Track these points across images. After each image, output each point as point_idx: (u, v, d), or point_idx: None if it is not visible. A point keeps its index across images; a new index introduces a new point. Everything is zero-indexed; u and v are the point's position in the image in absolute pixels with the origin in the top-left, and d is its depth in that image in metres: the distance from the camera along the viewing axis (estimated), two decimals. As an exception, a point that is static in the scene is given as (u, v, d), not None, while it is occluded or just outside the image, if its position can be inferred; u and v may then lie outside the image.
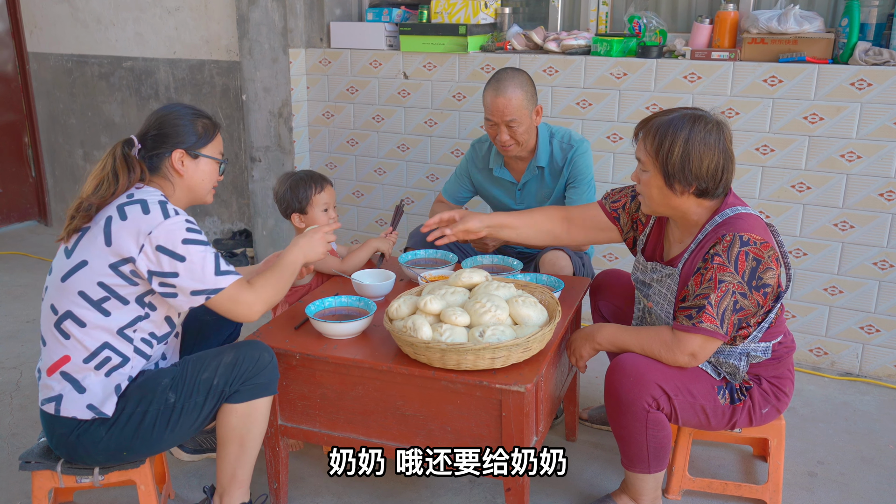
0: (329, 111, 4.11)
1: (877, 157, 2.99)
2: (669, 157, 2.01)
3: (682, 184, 2.04)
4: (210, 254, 1.97)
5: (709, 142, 2.00)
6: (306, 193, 2.67)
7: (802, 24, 3.06)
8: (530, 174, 2.98)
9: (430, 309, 2.09)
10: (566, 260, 2.76)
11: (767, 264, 2.00)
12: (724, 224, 2.04)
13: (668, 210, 2.13)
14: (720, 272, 1.98)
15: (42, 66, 5.08)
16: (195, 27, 4.39)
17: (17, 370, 3.28)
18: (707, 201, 2.09)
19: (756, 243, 1.98)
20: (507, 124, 2.81)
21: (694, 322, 2.00)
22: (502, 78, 2.82)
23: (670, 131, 2.02)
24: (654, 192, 2.10)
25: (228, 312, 2.03)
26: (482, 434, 2.02)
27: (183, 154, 2.08)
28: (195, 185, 2.13)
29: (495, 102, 2.79)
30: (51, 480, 2.06)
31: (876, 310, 3.14)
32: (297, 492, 2.46)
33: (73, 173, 5.22)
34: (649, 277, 2.26)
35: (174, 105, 2.15)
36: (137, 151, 2.07)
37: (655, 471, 2.17)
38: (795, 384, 2.35)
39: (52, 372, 1.98)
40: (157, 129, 2.08)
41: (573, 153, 2.92)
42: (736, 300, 1.99)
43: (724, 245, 1.99)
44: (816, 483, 2.51)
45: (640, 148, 2.11)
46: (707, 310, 1.99)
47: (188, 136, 2.09)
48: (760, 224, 2.05)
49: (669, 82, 3.27)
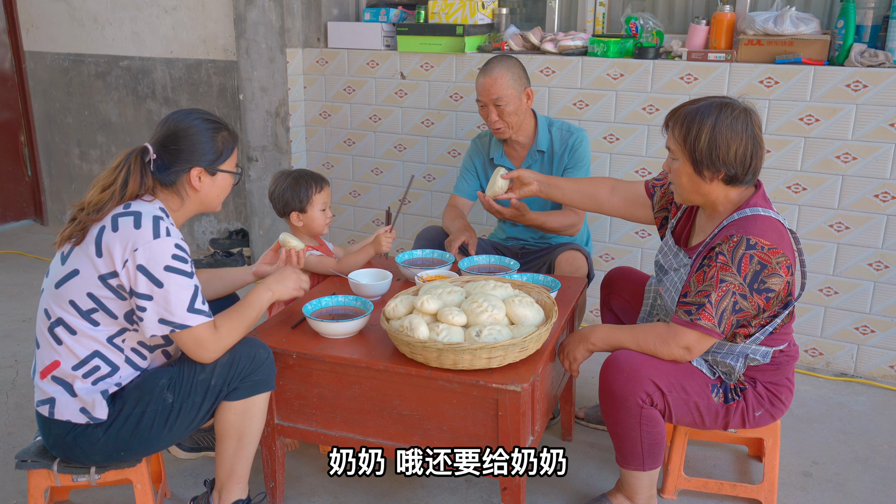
0: (326, 111, 4.11)
1: (872, 158, 3.00)
2: (697, 143, 2.04)
3: (710, 170, 2.05)
4: (188, 288, 1.92)
5: (736, 128, 2.02)
6: (307, 193, 2.67)
7: (798, 26, 3.07)
8: (531, 159, 3.01)
9: (426, 308, 2.09)
10: (582, 260, 2.78)
11: (774, 269, 1.99)
12: (736, 224, 2.04)
13: (699, 198, 2.15)
14: (722, 272, 1.99)
15: (38, 65, 5.08)
16: (192, 26, 4.39)
17: (12, 369, 3.28)
18: (736, 189, 2.10)
19: (763, 248, 1.99)
20: (494, 104, 2.86)
21: (692, 318, 2.02)
22: (491, 61, 2.92)
23: (697, 118, 2.04)
24: (684, 179, 2.12)
25: (188, 351, 1.98)
26: (479, 433, 2.02)
27: (202, 171, 2.03)
28: (210, 199, 2.09)
29: (482, 82, 2.87)
30: (47, 479, 2.06)
31: (871, 311, 3.15)
32: (293, 491, 2.47)
33: (69, 172, 5.21)
34: (670, 264, 2.27)
35: (191, 115, 2.05)
36: (152, 162, 2.00)
37: (650, 468, 2.18)
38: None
39: (45, 375, 1.98)
40: (174, 143, 2.00)
41: (573, 140, 2.97)
42: (735, 301, 2.00)
43: (730, 245, 2.00)
44: (811, 483, 2.52)
45: (670, 137, 2.13)
46: (706, 308, 2.00)
47: (209, 153, 2.03)
48: (776, 229, 2.04)
49: (666, 83, 3.28)
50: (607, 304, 2.66)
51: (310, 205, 2.68)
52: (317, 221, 2.70)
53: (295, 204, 2.67)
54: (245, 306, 2.09)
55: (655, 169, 3.38)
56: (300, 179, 2.68)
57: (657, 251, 2.38)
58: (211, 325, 1.98)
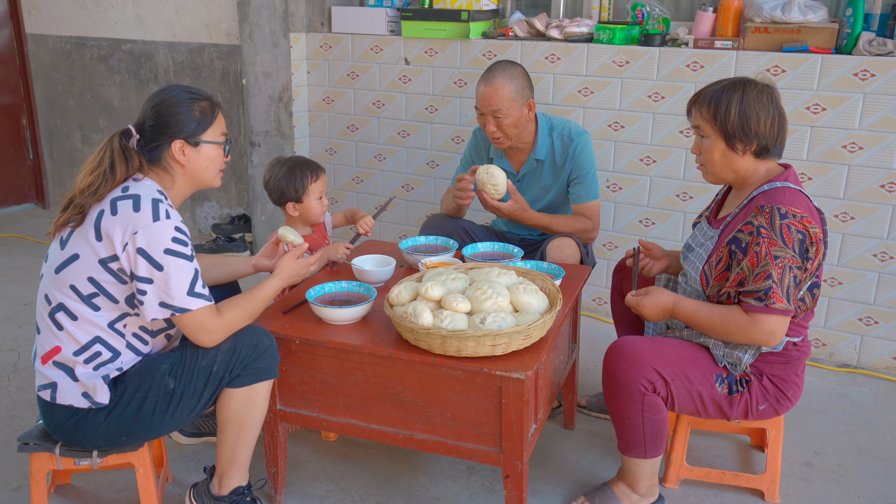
0: (329, 96, 4.09)
1: (879, 148, 2.98)
2: (727, 117, 2.07)
3: (743, 142, 2.08)
4: (189, 271, 1.91)
5: (762, 100, 2.07)
6: (302, 182, 2.64)
7: (806, 14, 3.05)
8: (529, 166, 2.97)
9: (430, 295, 2.08)
10: (573, 248, 2.75)
11: (813, 238, 2.00)
12: (765, 195, 2.05)
13: (730, 174, 2.16)
14: (772, 247, 1.98)
15: (41, 48, 5.05)
16: (195, 10, 4.36)
17: (14, 352, 3.28)
18: (765, 164, 2.13)
19: (796, 216, 1.99)
20: (492, 114, 2.79)
21: (766, 304, 1.99)
22: (494, 68, 2.82)
23: (724, 95, 2.09)
24: (716, 156, 2.13)
25: (190, 335, 1.97)
26: (481, 421, 2.02)
27: (183, 144, 2.01)
28: (199, 173, 2.07)
29: (482, 91, 2.79)
30: (49, 462, 2.06)
31: (875, 301, 3.14)
32: (294, 477, 2.47)
33: (71, 156, 5.19)
34: (697, 241, 2.27)
35: (170, 89, 2.04)
36: (136, 142, 2.00)
37: (651, 456, 2.17)
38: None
39: (46, 360, 1.97)
40: (154, 118, 2.00)
41: (574, 148, 2.90)
42: (795, 275, 2.00)
43: (765, 217, 2.00)
44: (813, 474, 2.52)
45: (697, 117, 2.15)
46: (774, 290, 1.98)
47: (187, 123, 2.01)
48: (804, 202, 2.04)
49: (672, 71, 3.25)
50: (618, 289, 2.65)
51: (306, 194, 2.65)
52: (313, 210, 2.68)
53: (291, 194, 2.65)
54: (252, 293, 2.10)
55: (660, 157, 3.37)
56: (295, 168, 2.65)
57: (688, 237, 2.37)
58: (212, 309, 1.97)
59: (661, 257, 2.48)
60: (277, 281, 2.18)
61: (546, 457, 2.58)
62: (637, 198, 3.48)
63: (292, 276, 2.24)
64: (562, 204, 3.00)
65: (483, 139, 3.08)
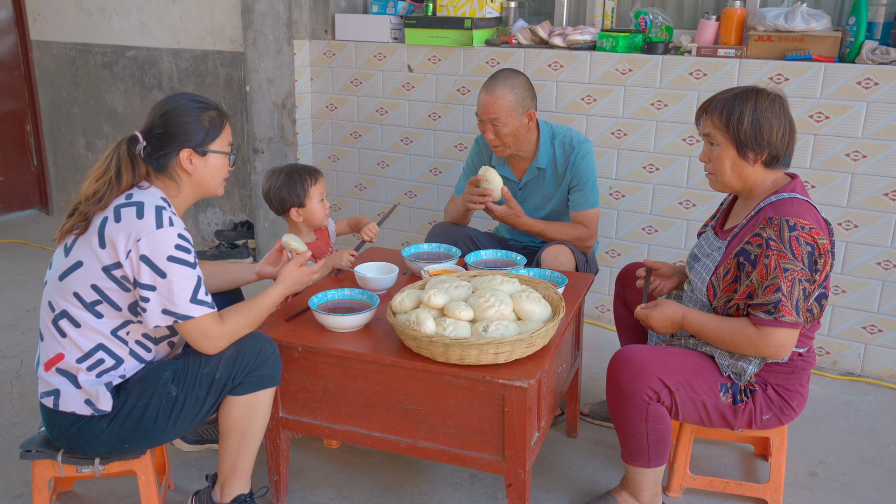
0: (333, 103, 4.10)
1: (882, 156, 2.98)
2: (740, 125, 2.06)
3: (755, 151, 2.08)
4: (191, 278, 1.91)
5: (774, 109, 2.07)
6: (303, 187, 2.65)
7: (809, 22, 3.05)
8: (531, 175, 2.97)
9: (433, 303, 2.08)
10: (567, 255, 2.75)
11: (821, 250, 2.00)
12: (773, 206, 2.04)
13: (739, 183, 2.15)
14: (781, 259, 1.97)
15: (45, 55, 5.07)
16: (199, 17, 4.37)
17: (17, 359, 3.28)
18: (773, 174, 2.12)
19: (805, 228, 1.98)
20: (491, 122, 2.80)
21: (775, 316, 1.98)
22: (496, 77, 2.83)
23: (737, 103, 2.08)
24: (726, 164, 2.12)
25: (193, 342, 1.97)
26: (484, 429, 2.02)
27: (191, 153, 2.01)
28: (205, 182, 2.07)
29: (482, 99, 2.81)
30: (51, 470, 2.06)
31: (879, 310, 3.13)
32: (296, 484, 2.46)
33: (75, 162, 5.21)
34: (703, 251, 2.26)
35: (179, 97, 2.04)
36: (142, 149, 2.00)
37: (655, 465, 2.17)
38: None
39: (49, 368, 1.97)
40: (162, 126, 1.99)
41: (575, 156, 2.90)
42: (804, 287, 1.99)
43: (774, 230, 1.99)
44: (817, 483, 2.51)
45: (707, 124, 2.14)
46: (784, 303, 1.97)
47: (196, 132, 2.01)
48: (812, 213, 2.03)
49: (675, 79, 3.25)
50: (621, 297, 2.64)
51: (307, 198, 2.66)
52: (317, 214, 2.68)
53: (293, 200, 2.66)
54: (255, 301, 2.10)
55: (663, 164, 3.36)
56: (293, 174, 2.66)
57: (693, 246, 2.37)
58: (215, 316, 1.97)
59: (670, 275, 2.47)
60: (281, 288, 2.18)
61: (549, 465, 2.57)
62: (640, 205, 3.48)
63: (296, 284, 2.24)
64: (564, 212, 3.00)
65: (485, 147, 3.08)
